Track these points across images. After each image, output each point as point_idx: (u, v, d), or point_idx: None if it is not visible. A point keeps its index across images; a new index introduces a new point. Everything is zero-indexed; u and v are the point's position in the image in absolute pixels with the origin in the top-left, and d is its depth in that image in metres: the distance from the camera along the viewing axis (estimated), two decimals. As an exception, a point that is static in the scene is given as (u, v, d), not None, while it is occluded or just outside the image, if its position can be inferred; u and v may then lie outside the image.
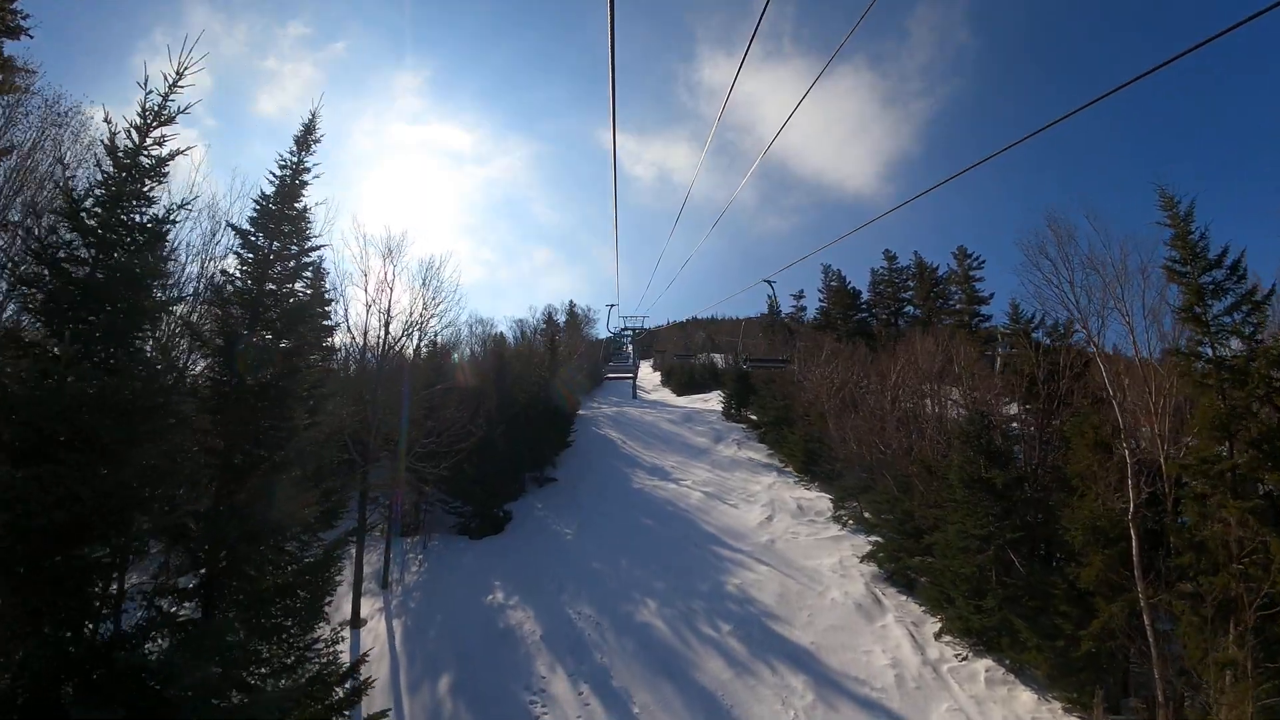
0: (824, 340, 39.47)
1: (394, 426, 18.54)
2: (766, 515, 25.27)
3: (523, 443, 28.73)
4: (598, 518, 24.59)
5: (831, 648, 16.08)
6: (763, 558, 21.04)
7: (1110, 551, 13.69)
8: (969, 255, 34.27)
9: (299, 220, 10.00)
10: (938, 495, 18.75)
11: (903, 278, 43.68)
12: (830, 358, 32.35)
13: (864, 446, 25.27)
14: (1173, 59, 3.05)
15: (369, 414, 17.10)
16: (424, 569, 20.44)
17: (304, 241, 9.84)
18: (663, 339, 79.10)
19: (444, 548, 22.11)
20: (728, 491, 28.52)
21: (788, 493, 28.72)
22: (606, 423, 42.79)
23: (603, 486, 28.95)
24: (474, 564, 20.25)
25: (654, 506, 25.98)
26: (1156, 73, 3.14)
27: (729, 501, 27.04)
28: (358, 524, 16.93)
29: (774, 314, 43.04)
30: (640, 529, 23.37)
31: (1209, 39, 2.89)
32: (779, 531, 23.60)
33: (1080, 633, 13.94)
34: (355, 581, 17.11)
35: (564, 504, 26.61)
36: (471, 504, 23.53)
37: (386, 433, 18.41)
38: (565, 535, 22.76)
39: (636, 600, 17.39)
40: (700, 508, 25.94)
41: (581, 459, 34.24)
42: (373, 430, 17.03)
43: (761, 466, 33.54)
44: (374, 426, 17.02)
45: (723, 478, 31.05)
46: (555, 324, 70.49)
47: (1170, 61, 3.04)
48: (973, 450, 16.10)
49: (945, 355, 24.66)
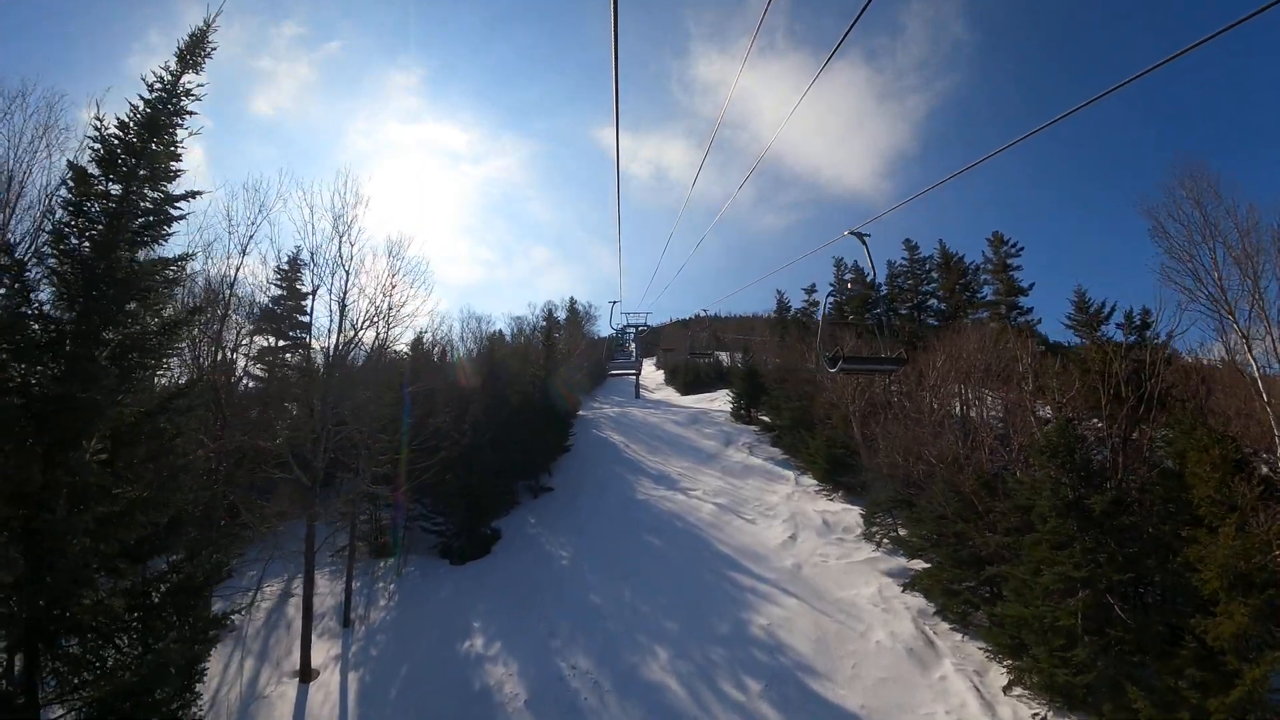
0: (844, 337, 36.42)
1: (356, 437, 15.54)
2: (789, 533, 22.25)
3: (516, 449, 25.78)
4: (598, 535, 21.59)
5: (884, 710, 13.09)
6: (790, 587, 18.02)
7: (1256, 601, 10.67)
8: (1005, 242, 31.14)
9: (164, 158, 6.95)
10: (1006, 519, 15.71)
11: (924, 269, 40.55)
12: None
13: (900, 455, 22.24)
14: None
15: (318, 426, 14.06)
16: (394, 602, 17.48)
17: (165, 183, 6.78)
18: (666, 337, 76.40)
19: (421, 574, 19.14)
20: (742, 503, 25.51)
21: (809, 505, 25.71)
22: (608, 424, 39.80)
23: (604, 497, 25.95)
24: (453, 596, 17.27)
25: (661, 521, 22.97)
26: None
27: (745, 515, 24.03)
28: (305, 560, 13.94)
29: (858, 281, 39.71)
30: (646, 550, 20.37)
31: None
32: (805, 553, 20.57)
33: (1210, 702, 10.96)
34: (303, 627, 14.14)
35: (560, 518, 23.62)
36: (454, 521, 20.57)
37: (342, 445, 15.39)
38: (560, 558, 19.76)
39: (643, 647, 14.39)
40: (713, 523, 22.93)
41: (581, 465, 31.28)
42: (322, 444, 14.02)
43: (777, 474, 30.54)
44: (323, 440, 14.00)
45: (735, 487, 28.06)
46: (555, 321, 67.56)
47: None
48: (1062, 467, 13.03)
49: (994, 352, 21.57)
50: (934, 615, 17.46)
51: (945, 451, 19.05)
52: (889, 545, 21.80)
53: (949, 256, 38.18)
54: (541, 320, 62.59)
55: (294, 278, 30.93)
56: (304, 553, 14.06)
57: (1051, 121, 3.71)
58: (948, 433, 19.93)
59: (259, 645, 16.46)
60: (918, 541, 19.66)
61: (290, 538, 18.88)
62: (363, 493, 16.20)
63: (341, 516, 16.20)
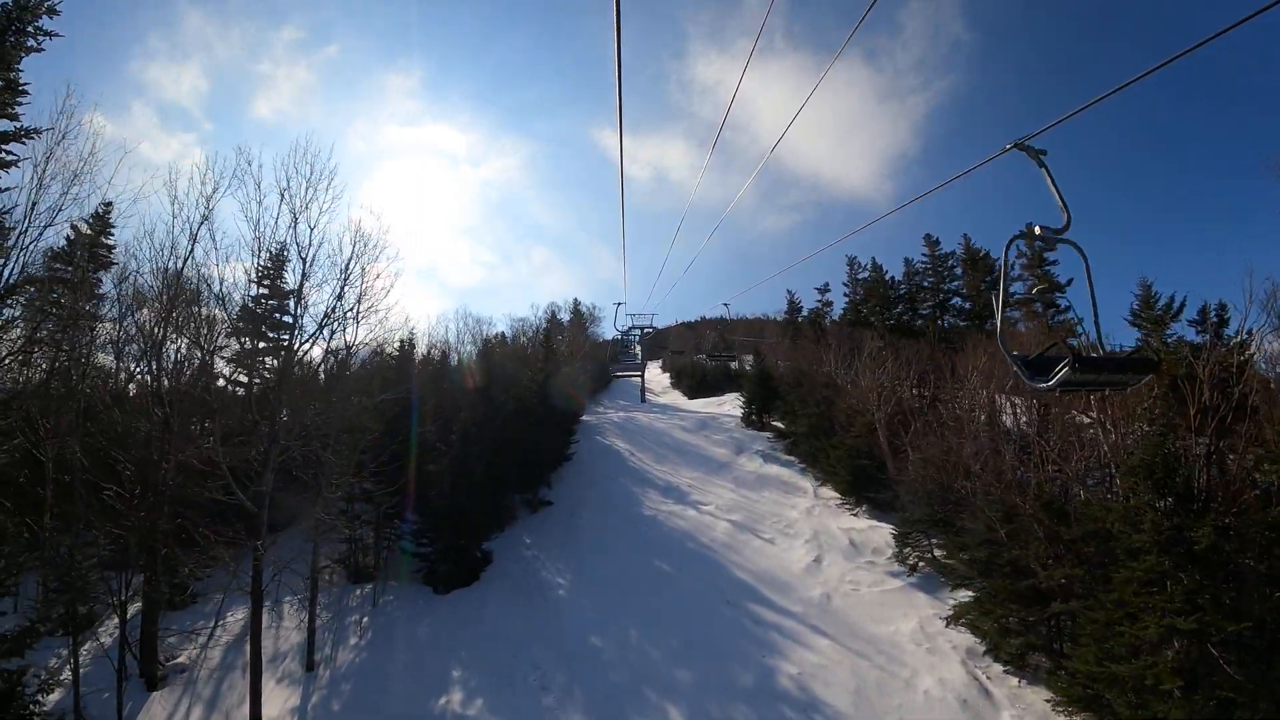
0: (863, 338, 34.16)
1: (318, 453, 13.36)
2: (813, 555, 19.99)
3: (512, 460, 23.62)
4: (600, 559, 19.38)
5: (945, 787, 10.78)
6: (820, 623, 15.77)
7: None
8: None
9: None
10: (1076, 549, 13.44)
11: (945, 265, 38.21)
12: (877, 356, 27.00)
13: (935, 468, 19.98)
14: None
15: (267, 444, 11.87)
16: (366, 640, 15.31)
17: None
18: (671, 338, 74.38)
19: (399, 605, 17.00)
20: (759, 520, 23.26)
21: (832, 521, 23.44)
22: (613, 430, 37.58)
23: (607, 512, 23.75)
24: (432, 635, 15.10)
25: (671, 542, 20.75)
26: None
27: (763, 534, 21.77)
28: (252, 599, 11.77)
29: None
30: (654, 577, 18.16)
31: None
32: (833, 580, 18.31)
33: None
34: (251, 679, 11.97)
35: (559, 538, 21.42)
36: (438, 542, 18.37)
37: (305, 461, 13.22)
38: (557, 588, 17.56)
39: (653, 706, 12.18)
40: (729, 544, 20.69)
41: (583, 475, 29.08)
42: (269, 464, 11.86)
43: (794, 485, 28.29)
44: (270, 457, 11.84)
45: (750, 501, 25.80)
46: (559, 322, 65.51)
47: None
48: (1157, 490, 10.75)
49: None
50: (984, 655, 15.22)
51: (996, 466, 16.76)
52: (926, 570, 19.55)
53: (974, 252, 35.86)
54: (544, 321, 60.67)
55: (276, 274, 28.93)
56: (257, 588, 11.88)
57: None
58: (996, 445, 17.63)
59: (211, 690, 14.34)
60: (962, 568, 17.35)
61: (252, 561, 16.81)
62: (320, 519, 14.02)
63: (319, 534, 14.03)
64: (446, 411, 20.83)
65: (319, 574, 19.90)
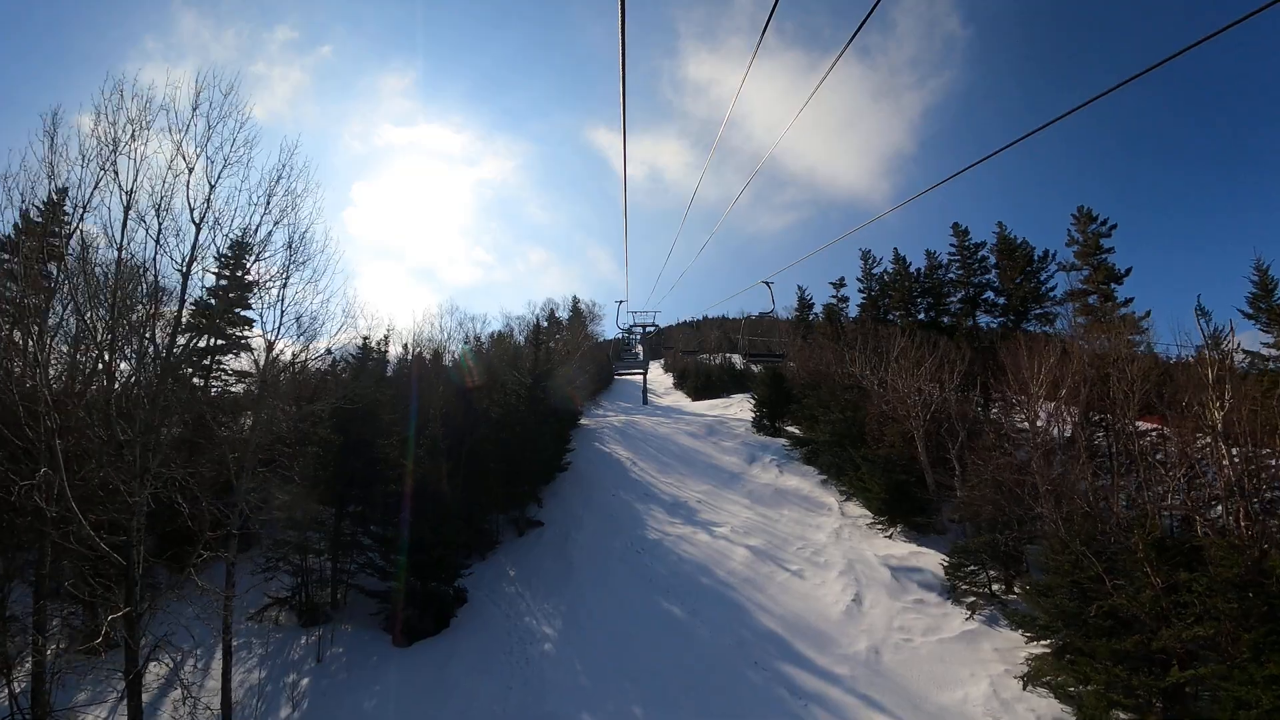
0: (888, 336, 30.97)
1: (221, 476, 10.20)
2: (850, 591, 16.83)
3: (496, 475, 20.49)
4: (597, 598, 16.24)
5: None
6: (871, 690, 12.59)
7: None
8: (1094, 218, 25.53)
9: None
10: (1209, 603, 10.31)
11: (976, 257, 34.94)
12: (914, 356, 23.78)
13: (997, 488, 16.82)
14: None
15: (135, 464, 8.64)
16: (301, 713, 12.12)
17: None
18: (673, 338, 71.49)
19: (349, 661, 13.84)
20: (782, 545, 20.10)
21: (866, 546, 20.28)
22: (613, 436, 34.47)
23: (606, 536, 20.61)
24: (380, 711, 11.88)
25: (680, 576, 17.59)
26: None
27: (788, 564, 18.61)
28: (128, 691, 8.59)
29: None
30: (662, 623, 15.00)
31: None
32: (879, 627, 15.12)
33: None
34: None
35: (549, 569, 18.28)
36: (401, 579, 15.21)
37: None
38: (543, 639, 14.37)
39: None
40: (750, 578, 17.53)
41: (580, 489, 25.98)
42: (145, 488, 8.62)
43: (816, 500, 25.21)
44: (145, 481, 8.58)
45: (769, 520, 22.67)
46: (558, 321, 62.31)
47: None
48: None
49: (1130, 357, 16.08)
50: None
51: (1075, 487, 13.60)
52: (981, 605, 16.41)
53: (1009, 241, 32.59)
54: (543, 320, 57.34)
55: (237, 263, 25.63)
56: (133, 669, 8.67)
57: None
58: (1080, 463, 14.42)
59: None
60: (1043, 617, 14.15)
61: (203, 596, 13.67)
62: (227, 559, 10.83)
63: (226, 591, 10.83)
64: (419, 421, 17.67)
65: (262, 615, 16.88)
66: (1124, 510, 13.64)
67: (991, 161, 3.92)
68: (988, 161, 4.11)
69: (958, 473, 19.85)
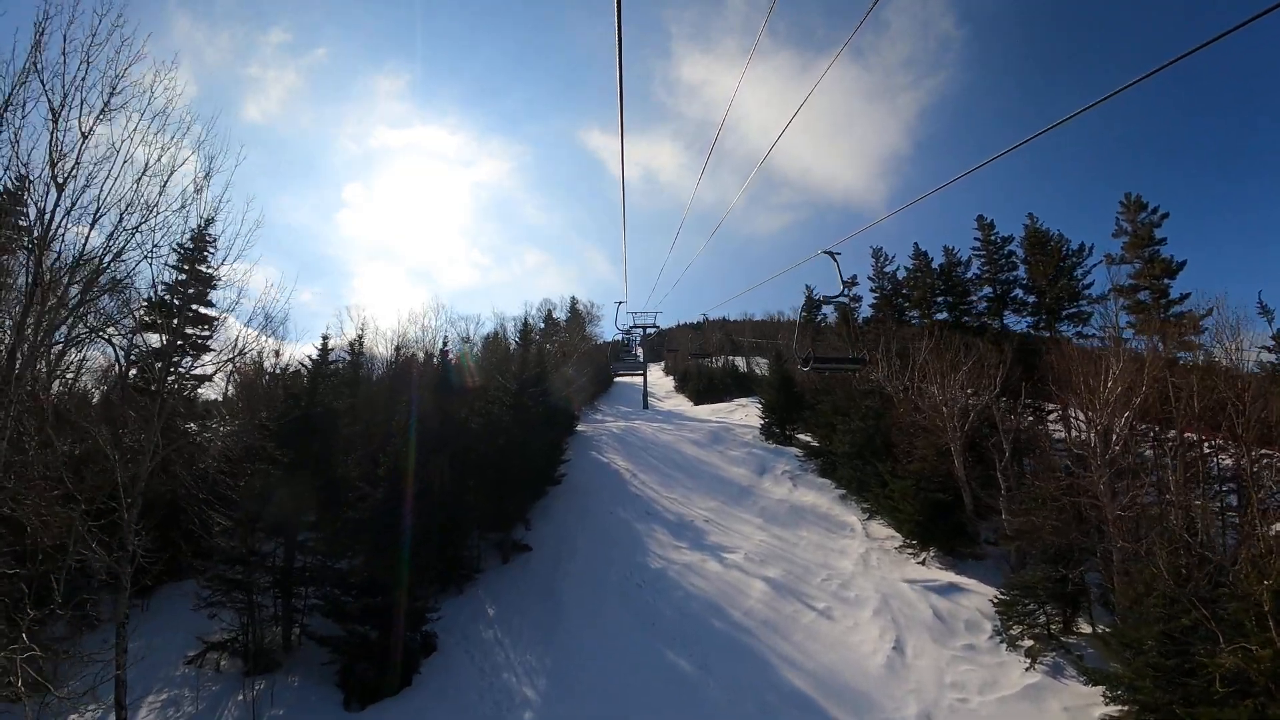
0: (911, 337, 28.46)
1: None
2: (890, 639, 14.29)
3: (478, 494, 18.00)
4: (590, 646, 13.72)
5: None
6: (930, 778, 10.02)
7: None
8: (1144, 206, 22.95)
9: None
10: None
11: (1002, 252, 32.41)
12: (947, 359, 21.23)
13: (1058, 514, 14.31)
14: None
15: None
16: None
17: None
18: (675, 340, 69.31)
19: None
20: (804, 576, 17.59)
21: (898, 575, 17.79)
22: (611, 444, 31.92)
23: (602, 564, 18.09)
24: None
25: (689, 618, 15.07)
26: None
27: (814, 602, 16.09)
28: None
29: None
30: (668, 681, 12.47)
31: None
32: (928, 683, 12.59)
33: None
34: None
35: (535, 607, 15.76)
36: (351, 621, 12.68)
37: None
38: (524, 705, 11.81)
39: None
40: (769, 620, 15.01)
41: (574, 505, 23.48)
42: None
43: (836, 519, 22.79)
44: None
45: (787, 544, 20.17)
46: (556, 322, 59.76)
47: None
48: None
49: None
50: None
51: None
52: (1043, 651, 13.90)
53: (1040, 235, 30.06)
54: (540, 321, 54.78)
55: (198, 256, 23.06)
56: None
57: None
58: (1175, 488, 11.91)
59: None
60: (1128, 673, 11.64)
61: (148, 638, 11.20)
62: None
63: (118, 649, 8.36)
64: (380, 436, 15.19)
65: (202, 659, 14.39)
66: (1233, 546, 11.17)
67: (1011, 156, 2.96)
68: (1006, 156, 4.05)
69: (1004, 492, 17.36)
